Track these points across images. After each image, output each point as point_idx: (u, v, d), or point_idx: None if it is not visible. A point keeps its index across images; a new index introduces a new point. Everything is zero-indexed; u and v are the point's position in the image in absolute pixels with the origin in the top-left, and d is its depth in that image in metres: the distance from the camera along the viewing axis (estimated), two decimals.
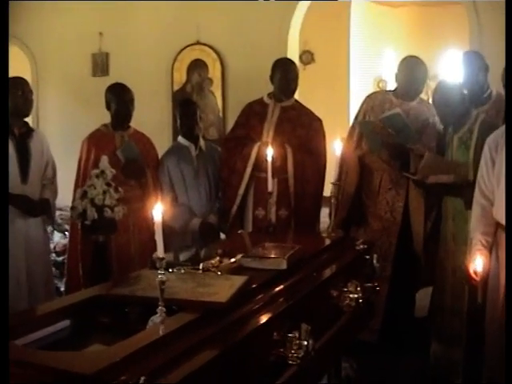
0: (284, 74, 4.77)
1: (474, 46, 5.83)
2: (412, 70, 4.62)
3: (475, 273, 3.34)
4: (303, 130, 4.74)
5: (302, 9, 6.74)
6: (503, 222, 3.37)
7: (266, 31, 6.69)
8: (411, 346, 4.58)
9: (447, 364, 4.25)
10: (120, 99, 4.74)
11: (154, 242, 2.17)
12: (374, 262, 3.55)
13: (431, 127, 4.55)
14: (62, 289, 5.45)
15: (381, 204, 4.60)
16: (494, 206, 3.47)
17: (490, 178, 3.50)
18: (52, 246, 6.25)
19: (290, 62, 5.01)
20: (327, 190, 4.41)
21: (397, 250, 4.58)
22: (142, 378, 1.64)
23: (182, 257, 3.12)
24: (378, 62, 9.60)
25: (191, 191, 4.79)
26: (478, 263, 3.34)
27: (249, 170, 4.69)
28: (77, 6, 7.57)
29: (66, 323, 2.29)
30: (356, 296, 3.09)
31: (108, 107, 4.80)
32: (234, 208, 4.74)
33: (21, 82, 4.55)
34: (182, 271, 2.64)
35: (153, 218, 2.15)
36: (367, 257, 3.55)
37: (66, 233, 6.28)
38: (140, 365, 1.77)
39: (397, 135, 4.31)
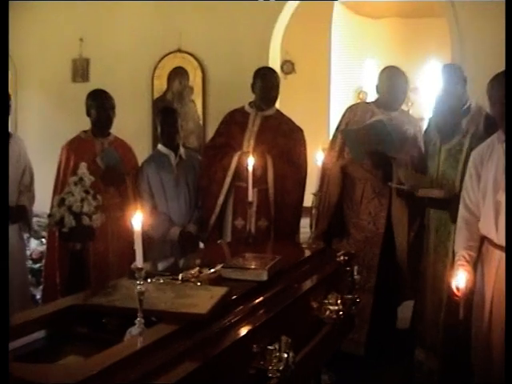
0: (265, 82, 4.76)
1: (455, 58, 5.85)
2: (393, 80, 4.63)
3: (457, 288, 3.32)
4: (284, 140, 4.72)
5: (284, 18, 6.74)
6: (490, 235, 3.35)
7: (248, 40, 6.68)
8: (395, 358, 4.57)
9: (428, 373, 4.25)
10: (101, 106, 4.70)
11: (133, 250, 2.14)
12: (355, 273, 3.54)
13: (413, 137, 4.55)
14: (38, 296, 5.39)
15: (363, 214, 4.59)
16: (481, 220, 3.44)
17: (474, 192, 3.49)
18: (28, 252, 6.17)
19: (272, 71, 5.00)
20: (307, 200, 4.40)
21: (380, 260, 4.57)
22: None
23: (161, 266, 3.08)
24: (358, 73, 9.62)
25: (171, 200, 4.76)
26: (460, 279, 3.31)
27: (228, 179, 4.66)
28: (57, 11, 7.51)
29: (41, 333, 2.23)
30: (336, 308, 3.07)
31: (88, 113, 4.76)
32: (213, 217, 4.70)
33: None
34: (161, 281, 2.60)
35: (132, 227, 2.11)
36: (348, 268, 3.53)
37: (43, 239, 6.21)
38: (117, 378, 1.73)
39: (379, 144, 4.30)
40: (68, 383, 1.63)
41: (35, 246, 6.63)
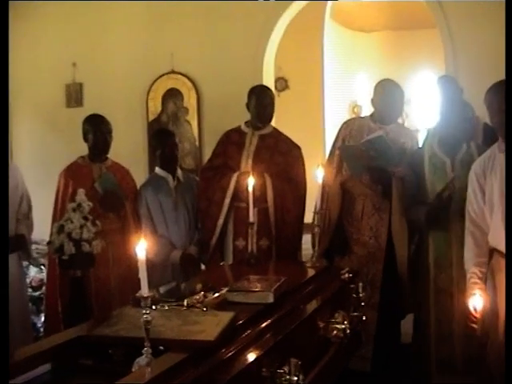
0: (259, 100, 4.75)
1: (449, 69, 5.86)
2: (388, 92, 4.61)
3: (475, 309, 3.27)
4: (282, 158, 4.70)
5: (276, 35, 6.76)
6: (500, 247, 3.32)
7: (241, 59, 6.69)
8: (401, 373, 4.53)
9: None
10: (98, 130, 4.69)
11: (134, 275, 2.12)
12: (360, 290, 3.51)
13: (410, 150, 4.54)
14: (39, 324, 5.34)
15: (364, 230, 4.56)
16: (490, 232, 3.41)
17: (479, 205, 3.45)
18: (28, 280, 6.13)
19: (265, 89, 5.00)
20: (307, 217, 4.38)
21: (383, 275, 4.54)
22: None
23: (165, 292, 3.04)
24: (352, 87, 9.65)
25: (170, 223, 4.73)
26: (477, 301, 3.27)
27: (227, 200, 4.63)
28: (50, 35, 7.52)
29: (46, 367, 2.19)
30: (343, 326, 3.04)
31: (85, 139, 4.74)
32: (214, 239, 4.67)
33: None
34: (166, 308, 2.57)
35: (136, 255, 2.08)
36: (352, 286, 3.50)
37: (42, 267, 6.17)
38: None
39: (378, 158, 4.28)
40: None
41: (34, 273, 6.58)
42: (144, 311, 2.02)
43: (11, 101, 7.74)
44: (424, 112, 9.39)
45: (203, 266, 4.82)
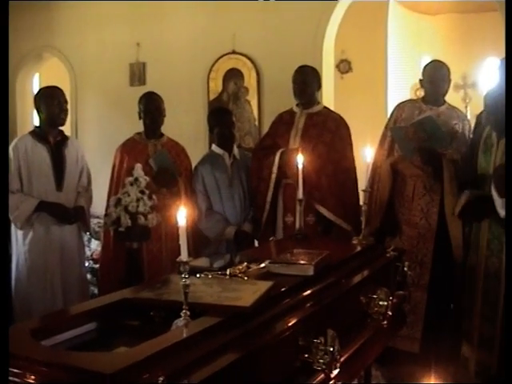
0: (300, 78, 4.81)
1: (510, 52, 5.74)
2: (433, 73, 4.66)
3: None
4: (330, 135, 4.73)
5: (337, 17, 6.74)
6: None
7: (302, 40, 6.69)
8: (449, 355, 4.53)
9: (477, 367, 4.20)
10: (146, 108, 4.80)
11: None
12: (406, 269, 3.52)
13: (461, 132, 4.53)
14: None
15: (415, 210, 4.57)
16: None
17: None
18: (89, 253, 6.35)
19: (305, 67, 4.99)
20: None
21: (434, 257, 4.54)
22: (161, 379, 1.65)
23: (212, 263, 3.13)
24: (415, 70, 9.52)
25: (226, 199, 4.82)
26: None
27: (273, 176, 4.69)
28: (114, 17, 7.69)
29: (92, 325, 2.31)
30: (386, 303, 3.06)
31: (140, 116, 4.86)
32: (264, 215, 4.75)
33: (57, 92, 4.64)
34: (209, 276, 2.66)
35: (177, 222, 2.17)
36: (398, 264, 3.52)
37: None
38: (162, 366, 1.78)
39: (429, 140, 4.29)
40: (114, 370, 1.69)
41: (96, 246, 6.80)
42: (183, 276, 2.11)
43: (77, 79, 8.00)
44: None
45: (257, 243, 4.91)
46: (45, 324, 2.22)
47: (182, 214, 2.14)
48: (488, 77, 9.20)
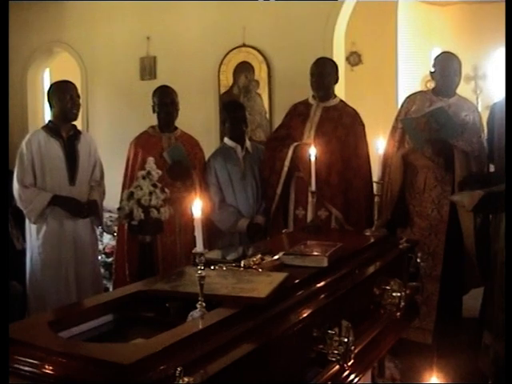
0: (317, 70, 4.77)
1: None
2: (444, 64, 4.63)
3: None
4: (344, 131, 4.71)
5: (347, 10, 6.72)
6: None
7: (312, 33, 6.68)
8: (462, 347, 4.53)
9: (495, 357, 4.20)
10: (161, 102, 4.81)
11: None
12: (418, 260, 3.53)
13: (472, 123, 4.51)
14: (111, 289, 5.54)
15: (426, 202, 4.58)
16: None
17: None
18: (101, 247, 6.36)
19: (325, 59, 5.00)
20: None
21: (446, 248, 4.54)
22: (179, 369, 1.67)
23: (226, 254, 3.15)
24: (426, 61, 9.49)
25: (238, 192, 4.83)
26: None
27: (285, 169, 4.69)
28: (124, 11, 7.69)
29: (109, 317, 2.33)
30: (399, 294, 3.07)
31: (154, 110, 4.87)
32: (273, 207, 4.76)
33: (69, 86, 4.66)
34: (224, 268, 2.67)
35: (192, 215, 2.18)
36: (411, 255, 3.52)
37: (116, 234, 6.37)
38: (178, 357, 1.79)
39: (440, 130, 4.28)
40: (131, 360, 1.70)
41: (108, 240, 6.82)
42: (198, 267, 2.12)
43: (88, 73, 8.01)
44: (500, 88, 9.17)
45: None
46: (62, 316, 2.25)
47: (198, 206, 2.16)
48: (499, 68, 9.16)
